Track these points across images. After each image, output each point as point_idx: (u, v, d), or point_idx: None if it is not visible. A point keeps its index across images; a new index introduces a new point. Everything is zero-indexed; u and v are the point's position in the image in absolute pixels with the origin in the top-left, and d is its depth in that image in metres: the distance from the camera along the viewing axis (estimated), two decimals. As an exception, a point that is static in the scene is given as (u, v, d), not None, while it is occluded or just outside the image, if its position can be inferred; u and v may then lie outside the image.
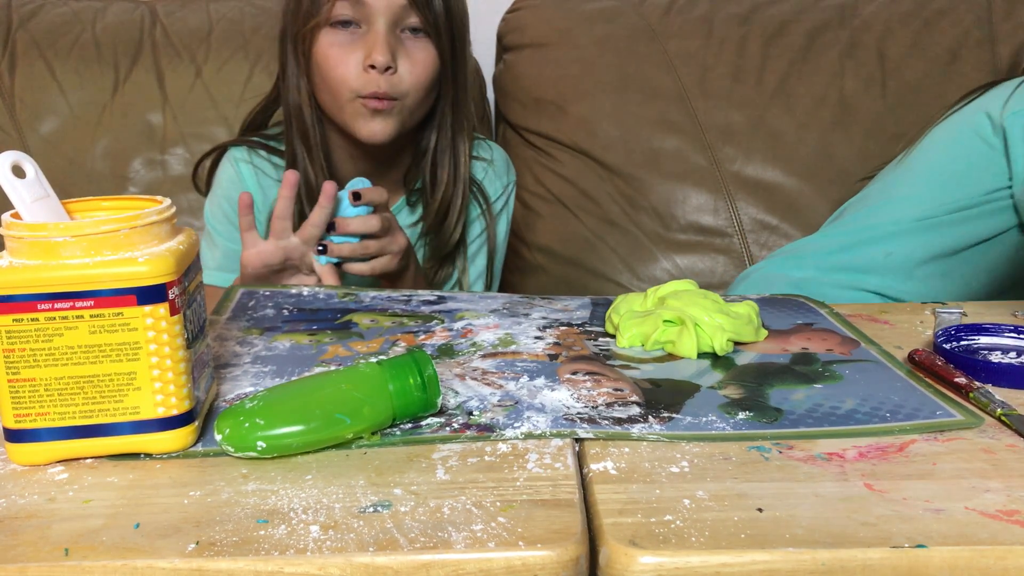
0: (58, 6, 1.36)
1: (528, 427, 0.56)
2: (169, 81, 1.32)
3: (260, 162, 1.08)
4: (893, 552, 0.43)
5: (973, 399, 0.60)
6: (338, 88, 0.97)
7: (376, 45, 0.92)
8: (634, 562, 0.43)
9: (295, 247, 0.95)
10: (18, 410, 0.52)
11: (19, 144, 1.28)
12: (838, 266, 1.05)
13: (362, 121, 0.97)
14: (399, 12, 0.93)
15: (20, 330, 0.51)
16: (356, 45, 0.94)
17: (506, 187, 1.16)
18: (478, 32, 1.40)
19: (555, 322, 0.77)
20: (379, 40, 0.92)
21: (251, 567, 0.43)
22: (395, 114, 0.98)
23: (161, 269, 0.51)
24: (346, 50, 0.95)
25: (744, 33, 1.35)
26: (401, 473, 0.51)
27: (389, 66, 0.93)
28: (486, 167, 1.14)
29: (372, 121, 0.97)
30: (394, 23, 0.94)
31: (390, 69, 0.94)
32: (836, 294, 1.01)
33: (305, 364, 0.68)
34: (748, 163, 1.31)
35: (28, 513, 0.48)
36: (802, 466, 0.51)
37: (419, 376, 0.56)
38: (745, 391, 0.62)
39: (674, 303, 0.72)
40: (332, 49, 0.95)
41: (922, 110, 1.29)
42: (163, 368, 0.52)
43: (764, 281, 1.10)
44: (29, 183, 0.54)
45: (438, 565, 0.43)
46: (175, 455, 0.54)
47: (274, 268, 0.95)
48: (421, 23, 0.94)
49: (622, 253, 1.31)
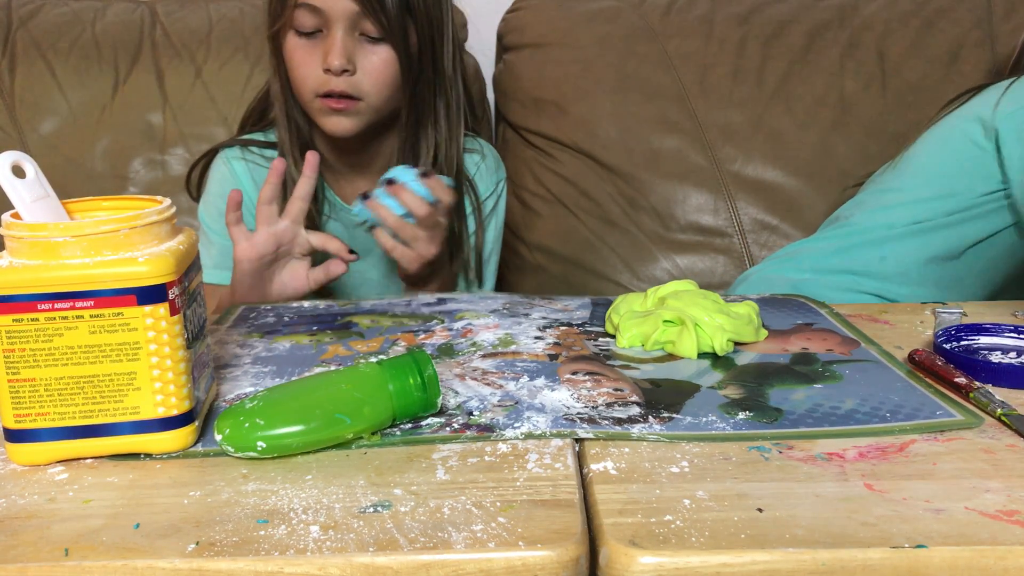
0: (58, 6, 1.36)
1: (528, 427, 0.56)
2: (169, 81, 1.32)
3: (252, 157, 1.11)
4: (893, 552, 0.43)
5: (973, 399, 0.60)
6: (300, 88, 1.01)
7: (332, 50, 0.96)
8: (634, 562, 0.43)
9: (285, 230, 0.96)
10: (18, 410, 0.52)
11: (19, 144, 1.28)
12: (835, 268, 1.05)
13: (324, 118, 1.01)
14: (354, 18, 0.97)
15: (20, 330, 0.51)
16: (316, 49, 0.98)
17: (497, 184, 1.17)
18: (478, 32, 1.40)
19: (555, 322, 0.77)
20: (335, 45, 0.96)
21: (251, 567, 0.43)
22: (356, 112, 1.01)
23: (161, 269, 0.51)
24: (307, 52, 0.99)
25: (744, 33, 1.35)
26: (401, 473, 0.51)
27: (346, 69, 0.97)
28: (478, 162, 1.15)
29: (333, 117, 1.01)
30: (351, 28, 0.97)
31: (347, 72, 0.98)
32: (835, 296, 1.01)
33: (305, 364, 0.68)
34: (748, 163, 1.30)
35: (28, 513, 0.48)
36: (802, 466, 0.51)
37: (419, 376, 0.56)
38: (745, 391, 0.62)
39: (674, 303, 0.72)
40: (296, 52, 1.00)
41: (922, 110, 1.29)
42: (163, 368, 0.52)
43: (763, 283, 1.10)
44: (29, 183, 0.54)
45: (438, 565, 0.43)
46: (175, 455, 0.54)
47: (267, 258, 0.95)
48: (377, 30, 0.97)
49: (622, 253, 1.31)
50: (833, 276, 1.04)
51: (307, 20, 0.97)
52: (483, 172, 1.15)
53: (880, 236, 1.02)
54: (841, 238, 1.07)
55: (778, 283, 1.07)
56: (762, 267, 1.16)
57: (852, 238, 1.05)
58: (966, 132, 0.98)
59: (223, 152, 1.11)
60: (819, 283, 1.04)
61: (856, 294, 1.02)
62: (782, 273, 1.09)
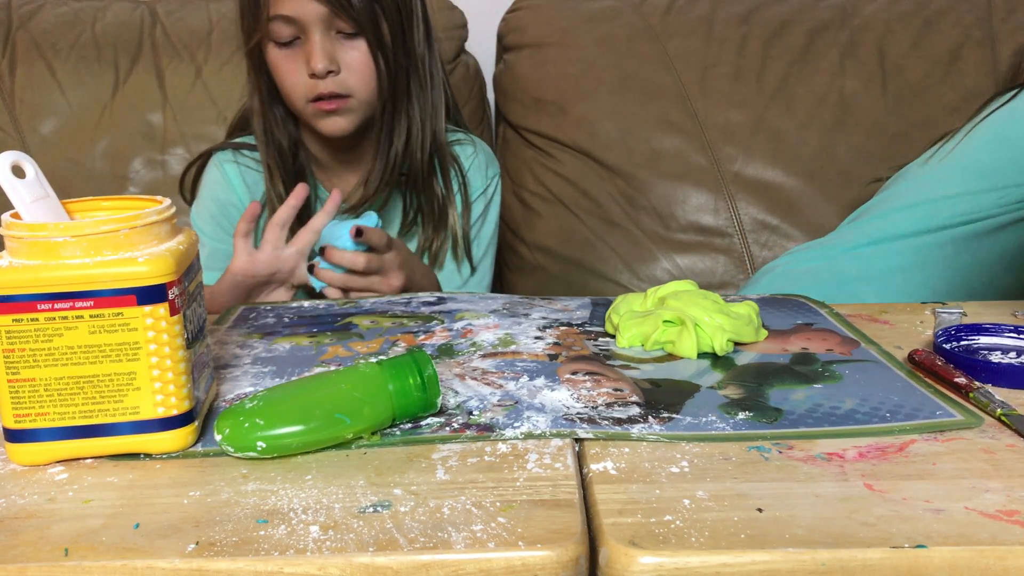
0: (58, 6, 1.36)
1: (528, 427, 0.56)
2: (169, 81, 1.32)
3: (244, 160, 1.11)
4: (893, 552, 0.43)
5: (973, 399, 0.60)
6: (291, 97, 1.02)
7: (313, 54, 0.98)
8: (634, 562, 0.43)
9: (288, 257, 0.98)
10: (18, 410, 0.52)
11: (19, 144, 1.28)
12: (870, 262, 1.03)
13: (319, 121, 1.02)
14: (328, 19, 0.98)
15: (20, 330, 0.51)
16: (298, 55, 1.00)
17: (489, 182, 1.17)
18: (478, 32, 1.40)
19: (555, 322, 0.77)
20: (315, 49, 0.97)
21: (251, 567, 0.43)
22: (349, 110, 1.02)
23: (161, 269, 0.51)
24: (290, 60, 1.00)
25: (744, 33, 1.35)
26: (401, 473, 0.51)
27: (330, 70, 0.98)
28: (471, 155, 1.16)
29: (328, 119, 1.02)
30: (327, 29, 0.98)
31: (332, 72, 0.99)
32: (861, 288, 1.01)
33: (305, 364, 0.68)
34: (748, 163, 1.31)
35: (28, 513, 0.48)
36: (802, 466, 0.51)
37: (419, 376, 0.56)
38: (745, 391, 0.62)
39: (674, 303, 0.72)
40: (280, 63, 1.01)
41: (922, 110, 1.29)
42: (163, 368, 0.52)
43: (787, 276, 1.09)
44: (29, 183, 0.54)
45: (438, 565, 0.43)
46: (175, 455, 0.54)
47: (259, 279, 0.95)
48: (350, 26, 0.99)
49: (622, 253, 1.31)
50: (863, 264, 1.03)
51: (283, 30, 0.98)
52: (475, 168, 1.15)
53: (919, 229, 1.02)
54: (872, 232, 1.06)
55: (805, 277, 1.06)
56: (787, 260, 1.14)
57: (882, 232, 1.05)
58: (1009, 132, 0.97)
59: (216, 155, 1.12)
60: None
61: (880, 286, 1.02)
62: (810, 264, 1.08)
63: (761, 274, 1.16)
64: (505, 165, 1.38)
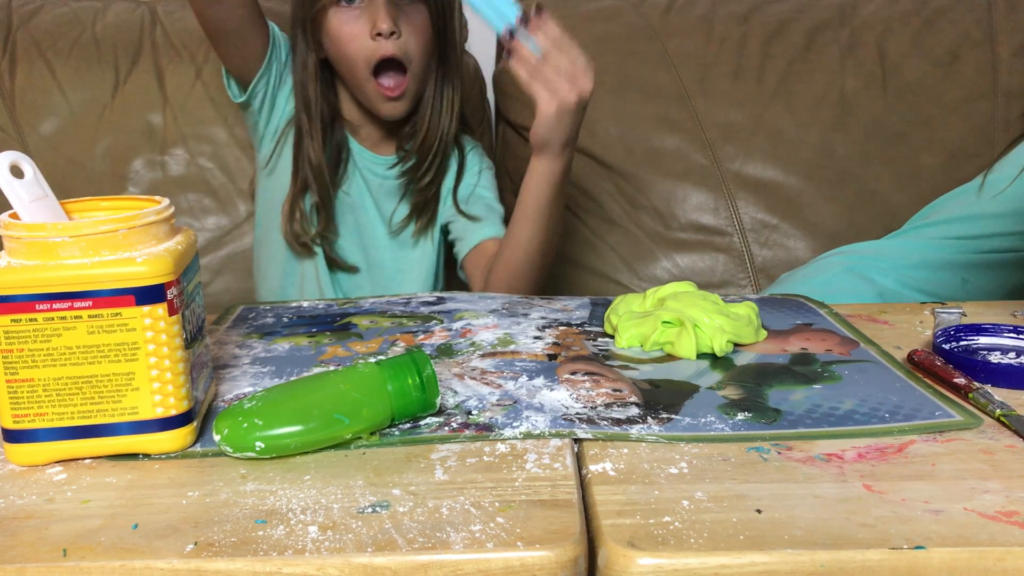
0: (58, 6, 1.36)
1: (527, 427, 0.56)
2: (169, 81, 1.32)
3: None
4: (892, 553, 0.43)
5: (972, 399, 0.60)
6: (354, 62, 1.05)
7: (379, 14, 1.02)
8: (632, 563, 0.43)
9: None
10: (16, 410, 0.52)
11: (19, 144, 1.28)
12: (914, 284, 1.03)
13: (380, 104, 1.07)
14: None
15: (18, 330, 0.51)
16: (362, 19, 1.04)
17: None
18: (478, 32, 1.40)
19: (554, 322, 0.77)
20: (381, 9, 1.02)
21: (249, 567, 0.43)
22: (406, 94, 1.07)
23: (159, 269, 0.51)
24: (354, 26, 1.04)
25: (744, 32, 1.35)
26: (400, 473, 0.51)
27: (394, 31, 1.02)
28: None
29: (388, 104, 1.07)
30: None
31: (395, 34, 1.03)
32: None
33: (304, 365, 0.68)
34: (748, 162, 1.31)
35: (27, 513, 0.48)
36: (801, 467, 0.51)
37: (418, 376, 0.56)
38: (744, 392, 0.62)
39: (673, 304, 0.72)
40: (343, 27, 1.04)
41: (922, 110, 1.29)
42: (161, 368, 0.52)
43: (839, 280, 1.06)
44: (27, 183, 0.54)
45: (436, 566, 0.43)
46: (173, 455, 0.54)
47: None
48: None
49: (622, 252, 1.31)
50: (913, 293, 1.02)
51: None
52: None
53: (968, 261, 1.01)
54: (925, 248, 1.05)
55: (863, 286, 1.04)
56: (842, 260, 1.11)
57: (938, 251, 1.04)
58: None
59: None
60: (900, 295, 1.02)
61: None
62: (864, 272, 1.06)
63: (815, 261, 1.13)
64: (505, 165, 1.38)
